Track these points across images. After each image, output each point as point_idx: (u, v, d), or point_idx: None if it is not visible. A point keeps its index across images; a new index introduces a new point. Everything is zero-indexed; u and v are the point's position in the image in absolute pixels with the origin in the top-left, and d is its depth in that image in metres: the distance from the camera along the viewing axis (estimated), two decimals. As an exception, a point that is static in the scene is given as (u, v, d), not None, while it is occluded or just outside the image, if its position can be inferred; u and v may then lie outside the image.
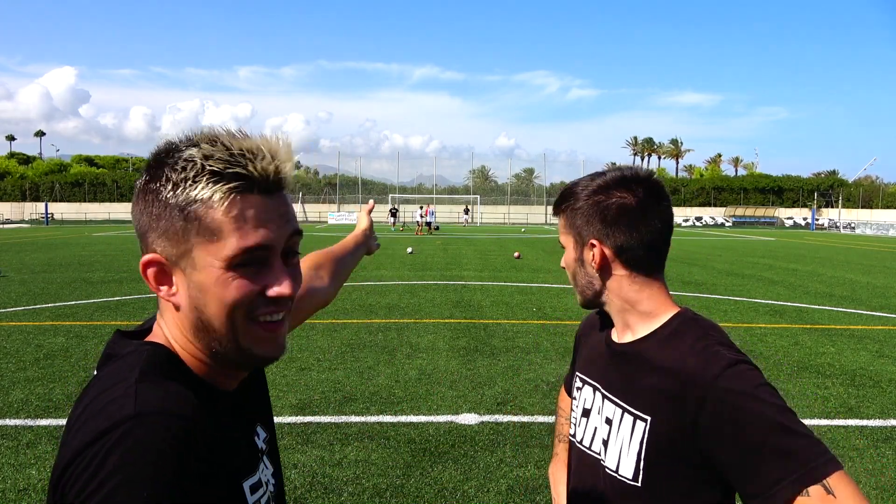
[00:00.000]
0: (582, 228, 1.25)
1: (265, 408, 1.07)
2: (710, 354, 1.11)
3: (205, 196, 0.77)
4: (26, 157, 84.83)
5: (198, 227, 0.78)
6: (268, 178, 0.79)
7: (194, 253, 0.79)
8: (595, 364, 1.35)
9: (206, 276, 0.79)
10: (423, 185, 77.20)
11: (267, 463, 1.01)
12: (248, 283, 0.80)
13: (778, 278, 14.93)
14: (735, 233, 46.86)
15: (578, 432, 1.35)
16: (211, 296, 0.79)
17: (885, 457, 4.40)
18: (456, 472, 4.06)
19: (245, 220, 0.78)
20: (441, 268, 16.39)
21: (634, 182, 1.21)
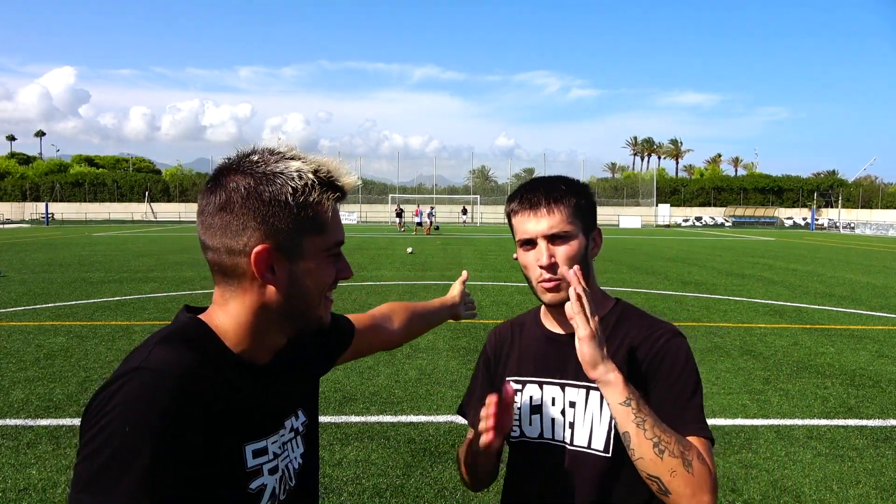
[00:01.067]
0: (587, 220, 1.37)
1: (308, 397, 1.26)
2: (658, 327, 1.37)
3: (320, 200, 1.00)
4: (26, 157, 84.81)
5: (309, 224, 1.00)
6: (349, 192, 1.05)
7: (304, 243, 1.00)
8: (539, 361, 1.43)
9: (312, 261, 1.02)
10: (423, 186, 77.19)
11: (299, 443, 1.18)
12: (332, 269, 1.06)
13: (778, 278, 14.94)
14: (735, 233, 46.85)
15: (530, 430, 1.41)
16: (314, 276, 1.03)
17: (885, 457, 4.41)
18: (456, 473, 4.06)
19: (336, 220, 1.04)
20: (441, 268, 16.40)
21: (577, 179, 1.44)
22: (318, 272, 1.03)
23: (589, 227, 1.37)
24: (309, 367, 1.27)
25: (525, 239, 1.35)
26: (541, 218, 1.32)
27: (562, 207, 1.32)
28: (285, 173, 0.97)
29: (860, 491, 3.90)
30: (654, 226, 62.44)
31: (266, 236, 0.98)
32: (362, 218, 61.59)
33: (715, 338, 8.05)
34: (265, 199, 0.97)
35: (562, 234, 1.32)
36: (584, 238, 1.35)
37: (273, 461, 1.06)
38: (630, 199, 71.07)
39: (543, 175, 1.44)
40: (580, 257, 1.33)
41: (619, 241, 30.76)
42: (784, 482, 4.01)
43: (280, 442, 1.09)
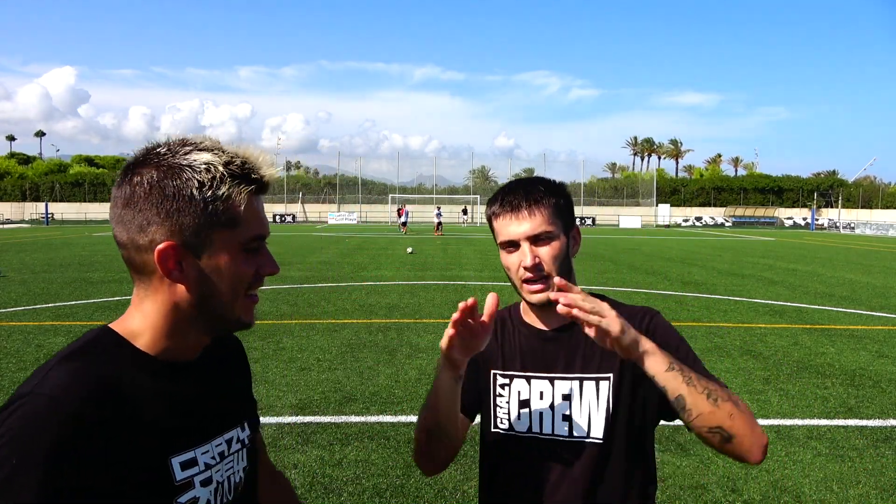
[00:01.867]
0: (567, 219, 1.41)
1: (247, 410, 1.19)
2: (639, 311, 1.44)
3: (232, 194, 0.95)
4: (26, 157, 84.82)
5: (220, 218, 0.95)
6: (269, 184, 1.00)
7: (214, 238, 0.95)
8: (525, 357, 1.45)
9: (223, 257, 0.96)
10: (423, 186, 77.20)
11: (244, 456, 1.12)
12: (252, 263, 1.00)
13: (778, 278, 14.94)
14: (735, 233, 46.86)
15: (519, 425, 1.42)
16: (227, 272, 0.97)
17: (885, 457, 4.40)
18: (456, 472, 4.06)
19: (254, 214, 0.98)
20: (441, 268, 16.39)
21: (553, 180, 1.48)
22: (233, 269, 0.97)
23: (569, 227, 1.41)
24: (245, 383, 1.23)
25: (508, 241, 1.37)
26: (522, 220, 1.35)
27: (542, 208, 1.35)
28: (192, 165, 0.93)
29: (860, 491, 3.90)
30: (654, 226, 62.44)
31: (171, 232, 0.94)
32: (362, 218, 61.60)
33: (715, 338, 8.05)
34: (168, 194, 0.92)
35: (544, 234, 1.35)
36: (565, 237, 1.39)
37: (205, 472, 1.00)
38: (630, 200, 71.07)
39: (528, 177, 1.48)
40: (563, 256, 1.37)
41: (620, 242, 30.77)
42: (784, 482, 4.01)
43: (214, 452, 1.04)
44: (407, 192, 72.51)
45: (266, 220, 1.02)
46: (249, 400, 1.22)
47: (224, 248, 0.96)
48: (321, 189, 72.62)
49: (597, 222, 61.21)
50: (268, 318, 8.91)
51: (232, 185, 0.95)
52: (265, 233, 1.01)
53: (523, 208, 1.35)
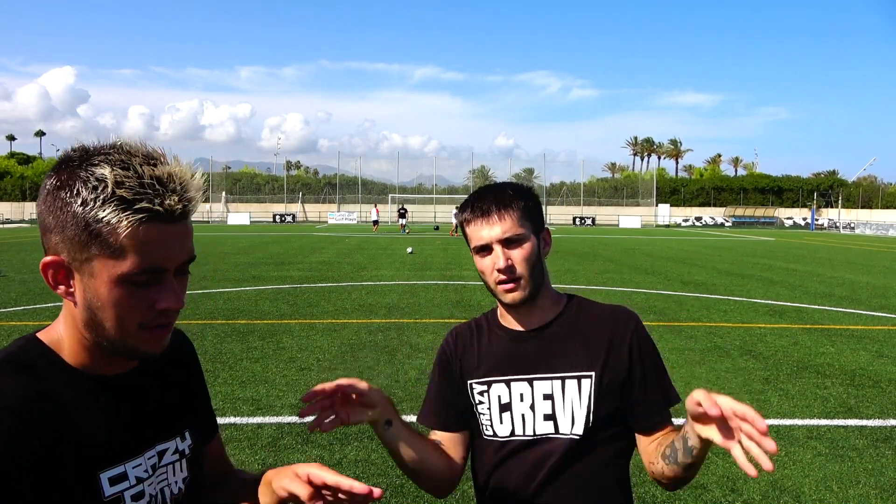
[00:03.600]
0: (536, 221, 1.44)
1: (188, 420, 1.12)
2: (620, 312, 1.48)
3: (112, 220, 0.83)
4: (26, 157, 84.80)
5: (101, 243, 0.84)
6: (173, 213, 0.86)
7: (94, 263, 0.86)
8: (503, 360, 1.46)
9: (103, 286, 0.86)
10: (422, 185, 77.21)
11: (182, 467, 1.08)
12: (140, 298, 0.88)
13: (778, 278, 14.93)
14: (735, 233, 46.85)
15: (502, 429, 1.44)
16: (105, 303, 0.87)
17: (885, 457, 4.40)
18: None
19: (145, 245, 0.85)
20: (441, 268, 16.39)
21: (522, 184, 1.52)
22: (114, 301, 0.87)
23: (538, 228, 1.44)
24: (192, 391, 1.17)
25: (480, 245, 1.40)
26: (493, 224, 1.38)
27: (511, 212, 1.38)
28: (86, 179, 0.83)
29: (860, 491, 3.90)
30: (653, 226, 62.43)
31: (59, 245, 0.87)
32: (362, 218, 61.55)
33: (715, 338, 8.05)
34: (57, 205, 0.85)
35: (515, 237, 1.38)
36: (536, 238, 1.42)
37: (136, 486, 0.97)
38: (630, 200, 71.05)
39: (496, 182, 1.52)
40: (535, 257, 1.40)
41: (619, 242, 30.76)
42: (784, 482, 4.01)
43: (146, 465, 1.00)
44: (407, 191, 72.52)
45: (170, 249, 0.87)
46: (194, 408, 1.16)
47: (104, 276, 0.86)
48: (321, 189, 72.60)
49: (596, 222, 61.16)
50: (268, 318, 8.91)
51: (116, 210, 0.83)
52: (161, 266, 0.87)
53: (493, 212, 1.38)
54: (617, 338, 1.42)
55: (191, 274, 0.97)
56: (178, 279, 0.92)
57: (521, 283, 1.38)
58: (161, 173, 0.85)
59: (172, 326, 0.95)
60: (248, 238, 30.46)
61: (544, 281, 1.44)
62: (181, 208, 0.86)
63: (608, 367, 1.40)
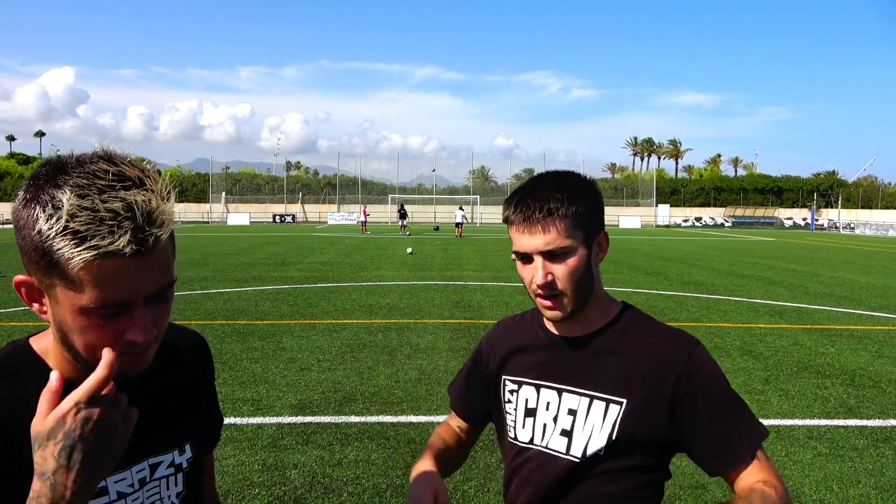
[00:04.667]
0: (590, 226, 1.26)
1: (189, 433, 1.08)
2: (675, 337, 1.29)
3: (64, 254, 0.77)
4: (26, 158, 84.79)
5: (59, 273, 0.79)
6: (130, 248, 0.77)
7: (57, 290, 0.81)
8: (538, 364, 1.36)
9: (67, 314, 0.82)
10: (422, 186, 77.18)
11: (178, 481, 1.05)
12: (106, 327, 0.82)
13: (778, 278, 14.93)
14: (735, 233, 46.85)
15: (523, 434, 1.36)
16: (72, 329, 0.83)
17: (885, 457, 4.40)
18: (456, 472, 4.06)
19: (102, 280, 0.78)
20: (441, 268, 16.39)
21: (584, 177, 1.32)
22: (83, 330, 0.83)
23: (592, 234, 1.27)
24: (198, 403, 1.13)
25: (521, 253, 1.26)
26: (535, 234, 1.22)
27: (558, 221, 1.21)
28: (45, 204, 0.78)
29: (860, 491, 3.90)
30: (653, 226, 62.43)
31: (28, 266, 0.84)
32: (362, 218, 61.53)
33: (715, 338, 8.05)
34: (21, 225, 0.81)
35: (559, 250, 1.22)
36: (586, 248, 1.25)
37: (117, 502, 0.95)
38: (630, 200, 71.05)
39: (544, 173, 1.31)
40: (581, 271, 1.24)
41: (619, 242, 30.77)
42: (784, 482, 4.00)
43: (133, 479, 0.97)
44: (407, 192, 72.48)
45: (132, 283, 0.81)
46: (198, 416, 1.12)
47: (67, 305, 0.81)
48: (321, 189, 72.58)
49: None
50: (268, 319, 8.91)
51: (69, 244, 0.77)
52: (123, 300, 0.81)
53: (537, 221, 1.21)
54: (663, 367, 1.25)
55: (173, 296, 0.91)
56: (154, 307, 0.86)
57: (561, 300, 1.24)
58: (119, 206, 0.77)
59: (148, 351, 0.89)
60: (248, 238, 30.46)
61: (592, 292, 1.29)
62: (136, 247, 0.78)
63: (644, 398, 1.24)
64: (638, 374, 1.25)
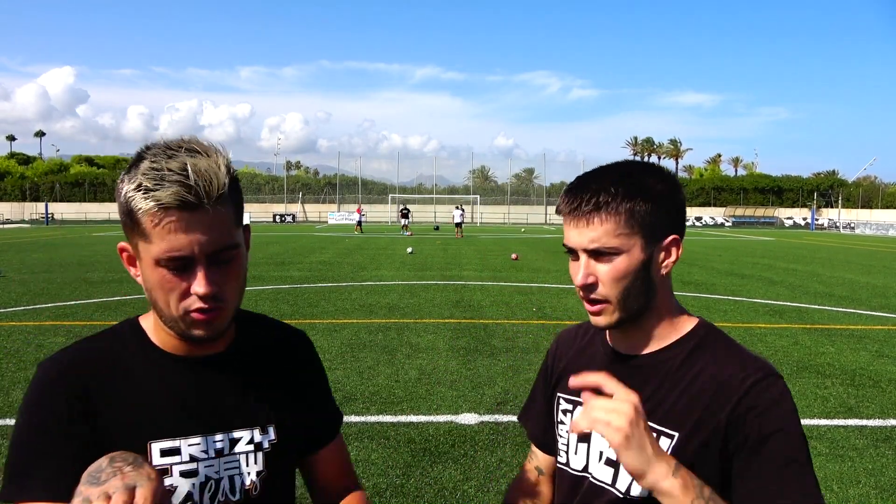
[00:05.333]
0: (657, 224, 1.08)
1: (288, 417, 1.14)
2: (747, 362, 1.08)
3: (139, 207, 0.91)
4: (26, 158, 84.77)
5: (138, 228, 0.93)
6: (181, 201, 0.90)
7: (139, 247, 0.95)
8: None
9: (147, 268, 0.96)
10: (422, 186, 77.19)
11: (258, 460, 1.09)
12: (175, 280, 0.94)
13: (778, 278, 14.93)
14: (735, 233, 46.85)
15: (576, 461, 1.21)
16: (152, 285, 0.96)
17: (885, 457, 4.40)
18: (456, 472, 4.06)
19: (166, 231, 0.91)
20: (441, 268, 16.38)
21: (662, 169, 1.13)
22: (159, 283, 0.95)
23: (654, 237, 1.08)
24: (291, 388, 1.18)
25: (567, 247, 1.12)
26: (581, 228, 1.07)
27: (609, 216, 1.05)
28: (132, 173, 0.93)
29: (860, 491, 3.90)
30: (654, 226, 62.28)
31: (124, 233, 0.99)
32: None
33: (715, 338, 8.04)
34: (117, 197, 0.96)
35: (605, 249, 1.06)
36: (643, 253, 1.07)
37: (189, 464, 1.02)
38: (630, 199, 70.96)
39: (616, 162, 1.14)
40: (632, 276, 1.07)
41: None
42: None
43: (209, 447, 1.04)
44: (407, 191, 72.48)
45: (190, 235, 0.92)
46: (289, 406, 1.16)
47: (146, 259, 0.95)
48: (321, 189, 72.59)
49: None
50: (268, 318, 8.90)
51: (142, 197, 0.91)
52: (180, 254, 0.92)
53: (583, 214, 1.07)
54: (724, 397, 1.05)
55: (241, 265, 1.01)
56: (218, 269, 0.96)
57: (605, 306, 1.09)
58: (176, 166, 0.90)
59: (219, 313, 0.98)
60: (248, 238, 30.42)
61: (650, 304, 1.11)
62: (190, 199, 0.90)
63: (697, 433, 1.06)
64: (696, 404, 1.07)
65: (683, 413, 1.08)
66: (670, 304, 1.16)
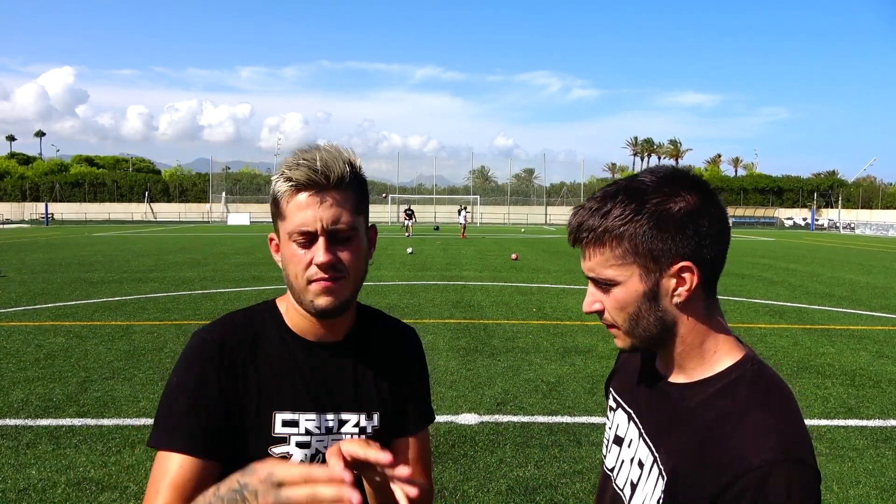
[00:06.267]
0: (660, 250, 0.95)
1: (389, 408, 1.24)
2: (765, 435, 0.89)
3: (279, 189, 1.10)
4: (26, 158, 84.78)
5: (278, 211, 1.12)
6: (308, 181, 1.08)
7: (280, 228, 1.13)
8: (634, 394, 1.14)
9: (284, 244, 1.13)
10: (422, 186, 77.18)
11: None
12: (301, 254, 1.10)
13: (778, 278, 14.93)
14: (735, 233, 46.75)
15: (609, 459, 1.17)
16: (286, 258, 1.12)
17: (885, 457, 4.40)
18: (456, 472, 4.06)
19: (296, 208, 1.09)
20: (441, 268, 16.38)
21: (687, 179, 0.98)
22: (290, 256, 1.11)
23: (659, 266, 0.96)
24: (396, 381, 1.26)
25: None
26: (582, 257, 1.02)
27: (598, 247, 0.98)
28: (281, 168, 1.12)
29: (860, 491, 3.90)
30: (653, 226, 62.30)
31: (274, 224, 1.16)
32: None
33: (715, 338, 8.04)
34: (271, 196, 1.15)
35: (603, 281, 0.99)
36: (644, 282, 0.97)
37: (304, 436, 1.14)
38: (630, 200, 70.94)
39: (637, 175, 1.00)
40: (633, 309, 0.99)
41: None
42: None
43: (322, 424, 1.16)
44: (407, 192, 72.49)
45: (315, 212, 1.09)
46: (393, 397, 1.25)
47: (283, 237, 1.12)
48: (321, 189, 72.49)
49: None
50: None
51: (283, 182, 1.10)
52: (306, 228, 1.09)
53: (578, 243, 1.01)
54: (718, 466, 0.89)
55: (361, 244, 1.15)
56: (337, 246, 1.10)
57: (616, 331, 1.03)
58: (311, 156, 1.09)
59: (339, 283, 1.12)
60: (248, 238, 30.45)
61: (671, 332, 1.00)
62: (321, 179, 1.07)
63: (679, 487, 0.94)
64: (694, 454, 0.94)
65: (679, 459, 0.96)
66: (701, 333, 1.00)
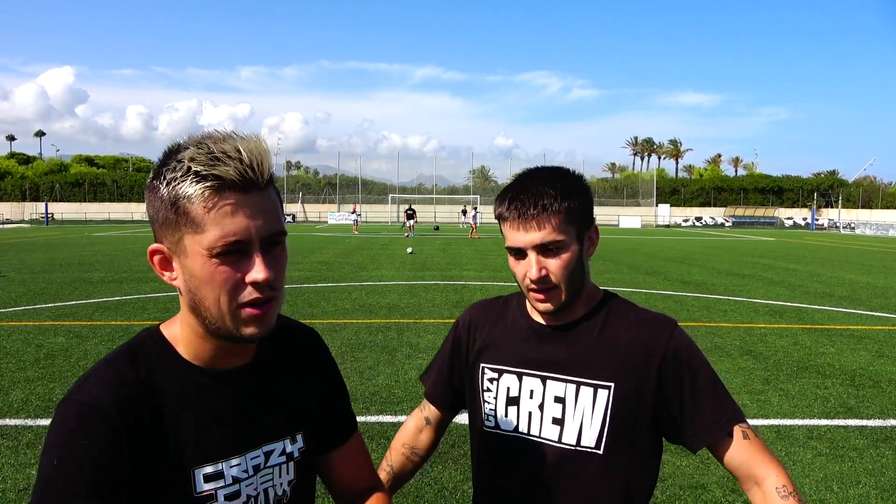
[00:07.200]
0: (582, 221, 1.29)
1: (310, 422, 1.12)
2: (657, 319, 1.34)
3: (188, 193, 0.87)
4: (26, 157, 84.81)
5: (185, 220, 0.88)
6: (241, 178, 0.87)
7: (185, 241, 0.89)
8: (521, 352, 1.37)
9: (194, 262, 0.89)
10: (423, 186, 77.18)
11: (289, 469, 1.08)
12: (229, 270, 0.89)
13: (778, 278, 14.93)
14: (735, 233, 46.85)
15: (506, 423, 1.37)
16: (199, 280, 0.89)
17: (885, 457, 4.40)
18: (456, 472, 4.06)
19: (221, 214, 0.87)
20: (441, 268, 16.39)
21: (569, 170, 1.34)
22: (210, 276, 0.88)
23: (583, 229, 1.30)
24: (312, 392, 1.15)
25: (514, 248, 1.28)
26: (530, 230, 1.24)
27: (552, 216, 1.23)
28: (172, 165, 0.88)
29: (860, 491, 3.90)
30: (654, 226, 62.42)
31: (159, 234, 0.92)
32: (363, 218, 61.61)
33: (715, 338, 8.05)
34: (150, 190, 0.91)
35: (553, 245, 1.24)
36: (578, 244, 1.28)
37: (232, 486, 0.98)
38: (630, 200, 71.06)
39: (534, 168, 1.33)
40: (574, 265, 1.27)
41: (619, 242, 30.75)
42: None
43: (248, 465, 1.01)
44: (407, 191, 72.49)
45: (247, 218, 0.88)
46: (313, 410, 1.13)
47: (195, 252, 0.88)
48: (321, 189, 72.60)
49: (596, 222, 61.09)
50: (268, 318, 8.90)
51: (192, 182, 0.86)
52: (237, 238, 0.87)
53: (531, 217, 1.23)
54: (648, 348, 1.29)
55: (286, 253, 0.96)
56: (270, 256, 0.91)
57: (555, 293, 1.27)
58: (229, 147, 0.87)
59: (272, 305, 0.93)
60: (248, 238, 30.38)
61: (583, 285, 1.32)
62: (249, 176, 0.88)
63: (631, 381, 1.28)
64: (623, 357, 1.29)
65: (614, 366, 1.29)
66: (590, 284, 1.37)
